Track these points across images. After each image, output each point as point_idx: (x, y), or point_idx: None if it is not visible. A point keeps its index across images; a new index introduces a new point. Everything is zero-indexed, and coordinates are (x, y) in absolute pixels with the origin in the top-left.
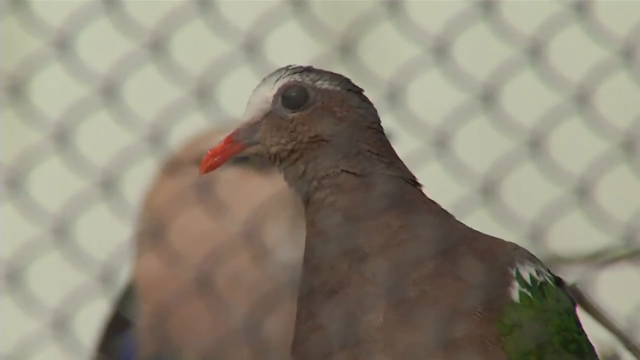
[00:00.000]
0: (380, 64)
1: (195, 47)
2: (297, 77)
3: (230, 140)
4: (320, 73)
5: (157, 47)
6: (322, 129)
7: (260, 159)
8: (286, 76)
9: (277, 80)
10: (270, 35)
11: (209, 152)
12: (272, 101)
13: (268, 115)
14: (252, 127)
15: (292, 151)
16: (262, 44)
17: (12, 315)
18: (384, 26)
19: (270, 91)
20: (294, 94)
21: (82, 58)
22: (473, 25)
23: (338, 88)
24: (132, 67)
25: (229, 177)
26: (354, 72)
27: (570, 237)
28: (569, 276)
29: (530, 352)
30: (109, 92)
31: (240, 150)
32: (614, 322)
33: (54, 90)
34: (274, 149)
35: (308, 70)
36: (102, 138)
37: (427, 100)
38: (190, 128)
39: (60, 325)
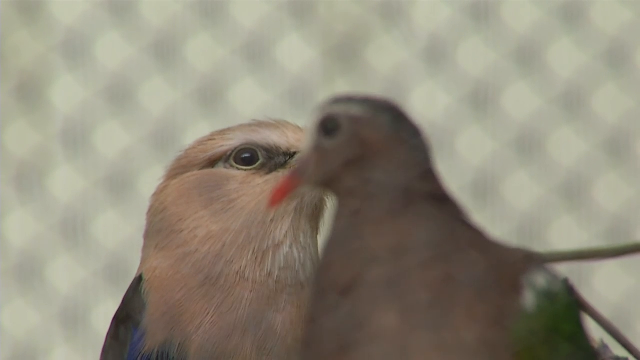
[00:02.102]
0: (380, 68)
1: (204, 52)
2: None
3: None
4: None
5: (166, 52)
6: None
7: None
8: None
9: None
10: (276, 41)
11: (274, 190)
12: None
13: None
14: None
15: (333, 174)
16: (267, 51)
17: (28, 307)
18: (384, 30)
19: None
20: (330, 123)
21: (93, 61)
22: (470, 30)
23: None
24: (142, 71)
25: (236, 178)
26: (356, 76)
27: (559, 235)
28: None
29: (543, 358)
30: (120, 95)
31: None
32: (604, 317)
33: (66, 92)
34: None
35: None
36: (113, 139)
37: (425, 103)
38: (198, 130)
39: (76, 316)
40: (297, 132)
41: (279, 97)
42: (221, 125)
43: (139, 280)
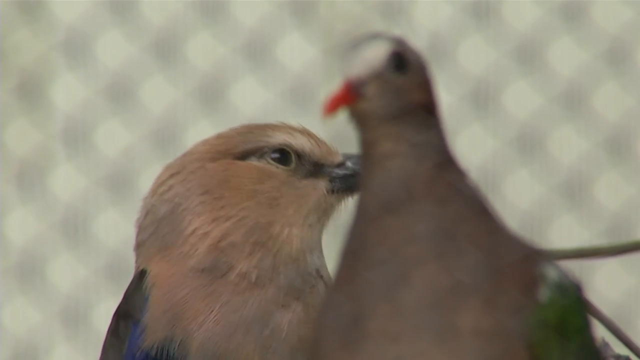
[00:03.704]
0: None
1: (204, 51)
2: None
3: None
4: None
5: (167, 50)
6: (425, 99)
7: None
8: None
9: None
10: (277, 40)
11: (333, 97)
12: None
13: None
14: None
15: (397, 112)
16: (268, 50)
17: (29, 305)
18: (385, 28)
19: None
20: (400, 60)
21: (93, 60)
22: (471, 28)
23: (424, 66)
24: (143, 70)
25: (241, 174)
26: None
27: (559, 233)
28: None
29: (553, 351)
30: (121, 93)
31: (354, 100)
32: (605, 315)
33: (67, 91)
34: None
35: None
36: (114, 137)
37: None
38: (199, 128)
39: (77, 314)
40: (325, 147)
41: (280, 96)
42: (221, 124)
43: (140, 275)
